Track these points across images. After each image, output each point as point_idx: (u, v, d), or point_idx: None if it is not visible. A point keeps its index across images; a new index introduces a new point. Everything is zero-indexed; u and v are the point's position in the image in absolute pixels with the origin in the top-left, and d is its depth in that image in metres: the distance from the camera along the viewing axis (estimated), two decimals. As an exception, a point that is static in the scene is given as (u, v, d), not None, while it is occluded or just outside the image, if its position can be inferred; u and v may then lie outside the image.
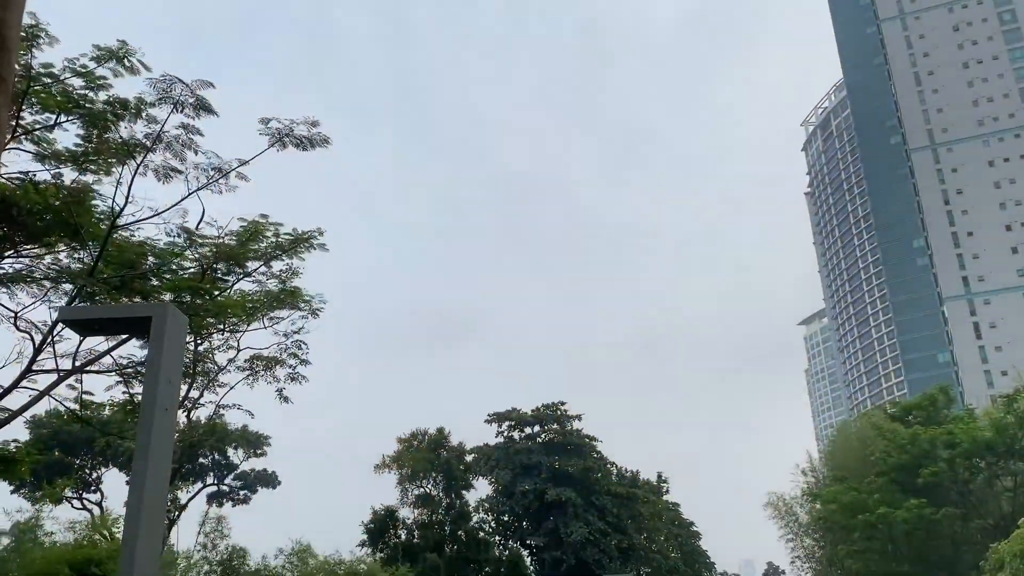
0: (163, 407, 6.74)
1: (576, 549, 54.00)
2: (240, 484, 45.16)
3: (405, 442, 48.44)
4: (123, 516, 6.54)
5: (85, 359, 16.34)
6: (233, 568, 27.26)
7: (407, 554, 43.64)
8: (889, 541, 40.64)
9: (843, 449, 50.16)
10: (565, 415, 61.36)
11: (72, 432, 38.37)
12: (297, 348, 22.77)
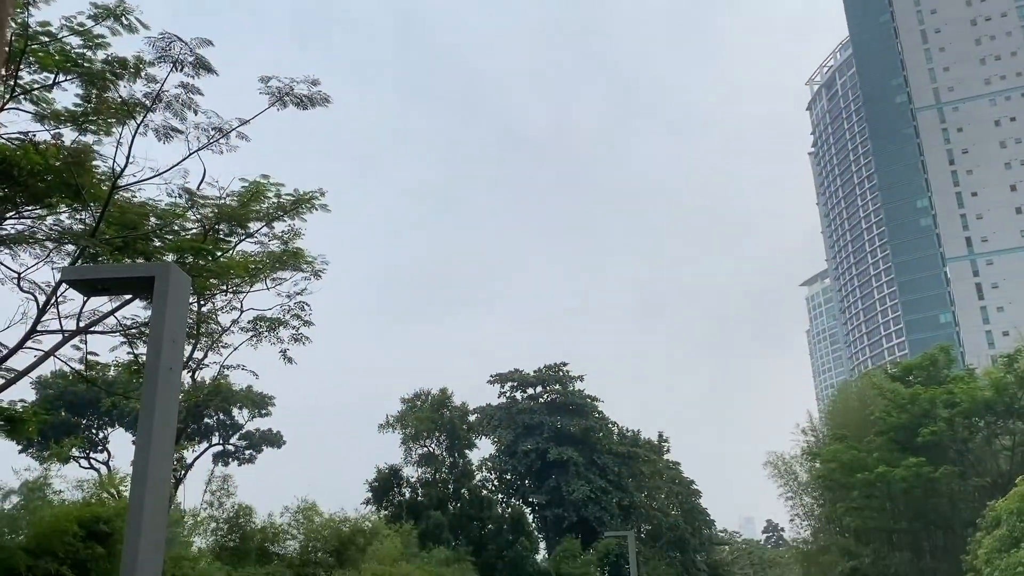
0: (168, 367, 6.79)
1: (577, 507, 54.69)
2: (245, 444, 45.65)
3: (408, 402, 48.80)
4: (130, 475, 6.62)
5: (89, 320, 16.43)
6: (240, 526, 27.63)
7: (411, 512, 44.18)
8: (887, 499, 41.09)
9: (843, 409, 50.49)
10: (567, 376, 61.76)
11: (78, 393, 38.69)
12: (300, 309, 22.85)
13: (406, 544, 36.31)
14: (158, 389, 6.58)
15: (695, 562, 71.10)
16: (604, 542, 52.08)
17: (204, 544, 26.89)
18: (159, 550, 6.32)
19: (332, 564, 29.05)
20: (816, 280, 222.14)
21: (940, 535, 41.90)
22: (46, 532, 16.62)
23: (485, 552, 44.18)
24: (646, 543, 63.00)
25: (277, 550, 28.35)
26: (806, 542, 53.09)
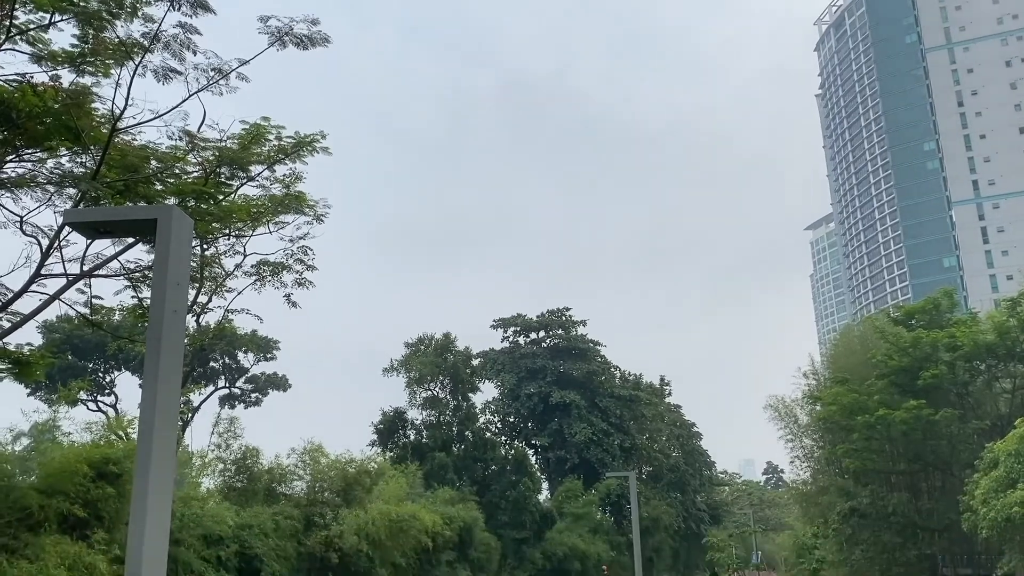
0: (172, 309, 6.78)
1: (580, 449, 55.45)
2: (251, 387, 46.08)
3: (412, 347, 49.09)
4: (137, 418, 6.67)
5: (93, 263, 16.42)
6: (247, 467, 28.04)
7: (416, 453, 44.82)
8: (887, 441, 41.52)
9: (845, 352, 50.70)
10: (570, 321, 62.01)
11: (84, 337, 38.94)
12: (303, 254, 22.83)
13: (411, 484, 36.93)
14: (163, 331, 6.58)
15: (695, 502, 72.36)
16: (605, 482, 52.92)
17: (212, 485, 27.37)
18: (168, 490, 6.40)
19: (339, 504, 29.55)
20: (821, 224, 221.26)
21: (938, 476, 42.46)
22: (57, 473, 16.88)
23: (488, 492, 44.92)
24: (647, 484, 64.02)
25: (284, 490, 28.81)
26: (805, 483, 53.82)
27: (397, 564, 31.40)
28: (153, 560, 6.14)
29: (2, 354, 16.72)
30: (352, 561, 28.65)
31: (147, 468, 6.28)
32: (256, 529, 24.13)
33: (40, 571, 15.03)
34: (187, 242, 7.15)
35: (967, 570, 41.01)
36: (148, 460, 6.32)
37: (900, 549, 41.52)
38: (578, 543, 47.01)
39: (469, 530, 38.37)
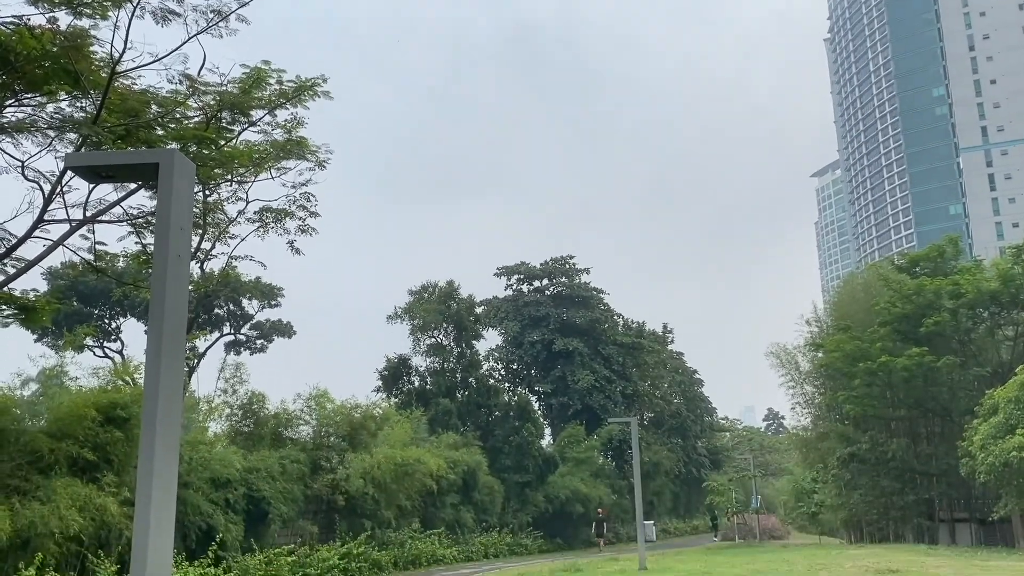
0: (176, 254, 6.77)
1: (582, 395, 55.89)
2: (256, 334, 46.27)
3: (416, 294, 49.17)
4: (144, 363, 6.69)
5: (95, 209, 16.38)
6: (253, 412, 28.34)
7: (420, 399, 45.24)
8: (888, 387, 41.76)
9: (848, 300, 50.70)
10: (573, 268, 61.96)
11: (88, 284, 39.02)
12: (305, 200, 22.78)
13: (416, 429, 37.38)
14: (167, 277, 6.58)
15: (696, 447, 73.22)
16: (607, 428, 53.47)
17: (219, 429, 27.72)
18: (175, 434, 6.46)
19: (345, 448, 29.96)
20: (827, 171, 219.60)
21: (937, 422, 42.80)
22: (65, 417, 17.09)
23: (492, 438, 45.44)
24: (649, 429, 64.70)
25: (291, 435, 29.17)
26: (805, 429, 54.32)
27: (402, 506, 31.96)
28: (162, 502, 6.22)
29: (8, 300, 16.80)
30: (358, 503, 29.16)
31: (154, 412, 6.33)
32: (263, 472, 24.50)
33: (52, 512, 15.31)
34: (189, 186, 7.08)
35: (963, 514, 41.60)
36: (155, 404, 6.36)
37: (898, 493, 42.08)
38: (580, 486, 47.71)
39: (473, 474, 38.93)
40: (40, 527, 15.01)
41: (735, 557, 32.65)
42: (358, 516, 29.42)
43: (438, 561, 33.84)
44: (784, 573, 22.69)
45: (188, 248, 7.19)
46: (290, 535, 26.49)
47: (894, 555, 29.06)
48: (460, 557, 36.02)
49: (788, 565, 25.95)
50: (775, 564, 26.64)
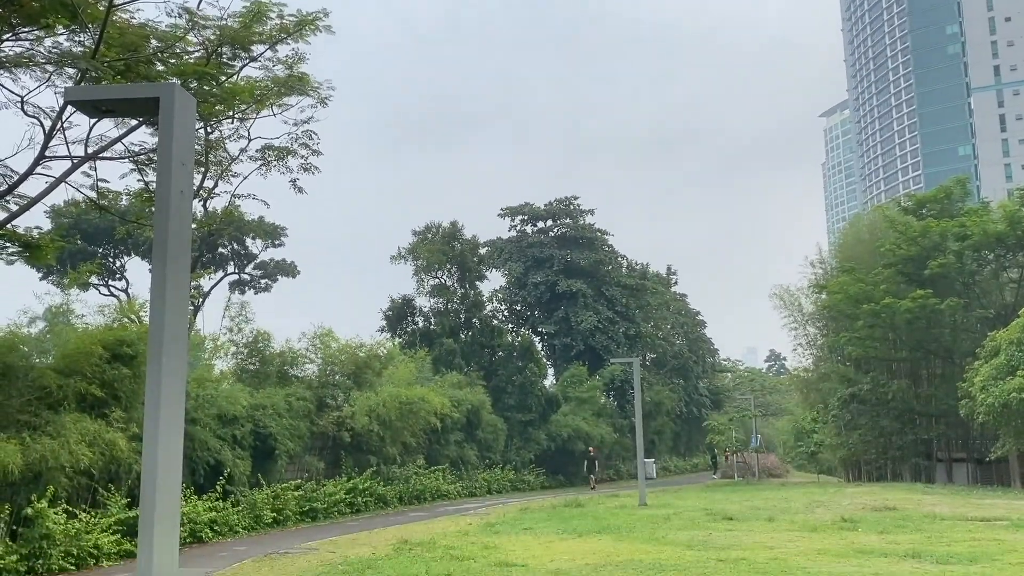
0: (179, 189, 6.71)
1: (585, 336, 56.16)
2: (260, 273, 46.31)
3: (420, 234, 49.04)
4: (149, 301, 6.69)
5: (97, 146, 16.24)
6: (259, 350, 28.52)
7: (424, 339, 45.50)
8: (890, 329, 41.92)
9: (853, 242, 50.56)
10: (578, 209, 61.62)
11: (92, 222, 38.95)
12: (308, 138, 22.56)
13: (420, 369, 37.69)
14: (170, 212, 6.54)
15: (697, 388, 73.88)
16: (610, 368, 53.87)
17: (225, 367, 27.96)
18: (181, 371, 6.50)
19: (350, 386, 30.24)
20: (835, 111, 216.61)
21: (939, 364, 43.06)
22: (73, 354, 17.21)
23: (495, 377, 45.82)
24: (651, 370, 65.21)
25: (296, 373, 29.40)
26: (807, 370, 54.73)
27: (407, 443, 32.42)
28: (170, 438, 6.30)
29: (12, 237, 16.77)
30: (364, 440, 29.58)
31: (159, 348, 6.35)
32: (270, 409, 24.78)
33: (62, 447, 15.55)
34: (191, 121, 6.99)
35: (961, 454, 42.17)
36: (160, 340, 6.39)
37: (897, 433, 42.61)
38: (582, 425, 48.29)
39: (476, 412, 39.38)
40: (51, 461, 15.26)
41: (733, 494, 33.20)
42: (363, 452, 29.88)
43: (442, 496, 34.48)
44: (782, 510, 23.09)
45: (191, 184, 7.13)
46: (297, 470, 26.93)
47: (891, 493, 29.53)
48: (464, 493, 36.71)
49: (786, 502, 26.39)
50: (773, 501, 27.09)
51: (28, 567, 14.32)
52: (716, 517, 21.03)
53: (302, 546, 17.84)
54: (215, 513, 20.18)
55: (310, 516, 25.01)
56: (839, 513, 21.02)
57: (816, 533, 17.01)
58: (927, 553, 13.12)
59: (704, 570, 11.86)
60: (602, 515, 22.69)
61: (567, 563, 13.22)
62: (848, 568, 11.73)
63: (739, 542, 15.57)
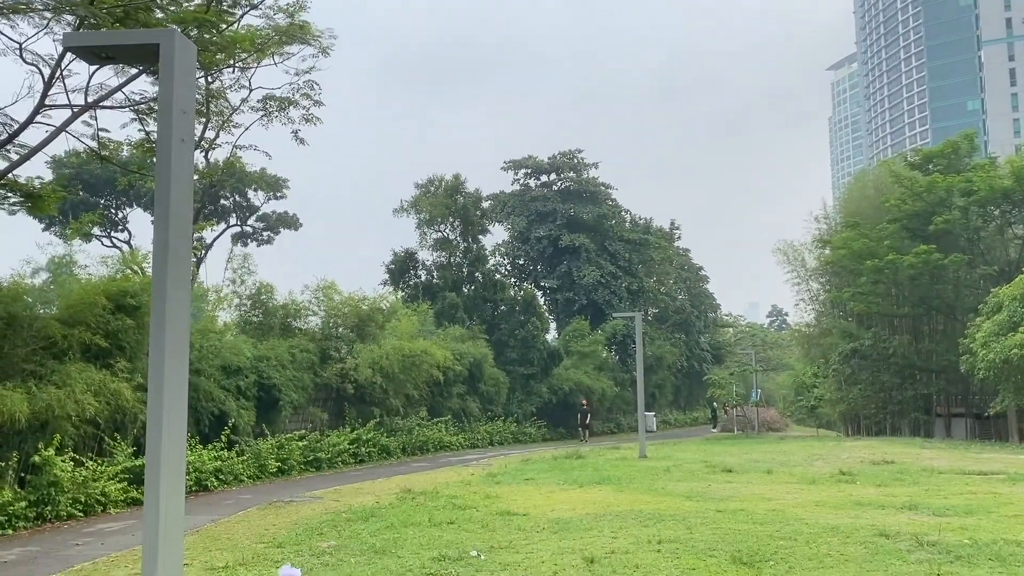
0: (180, 138, 6.65)
1: (588, 291, 56.21)
2: (263, 225, 46.28)
3: (422, 187, 48.79)
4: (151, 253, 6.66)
5: (97, 94, 16.08)
6: (262, 302, 28.58)
7: (427, 293, 45.60)
8: (893, 285, 41.89)
9: (858, 197, 50.26)
10: (581, 163, 61.19)
11: (93, 173, 38.80)
12: (309, 88, 22.34)
13: (423, 323, 37.81)
14: (172, 160, 6.49)
15: (699, 342, 74.14)
16: (612, 323, 54.02)
17: (229, 319, 28.02)
18: (184, 321, 6.50)
19: (353, 339, 30.39)
20: (843, 65, 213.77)
21: (940, 320, 43.12)
22: (76, 304, 17.24)
23: (498, 331, 46.00)
24: (653, 325, 65.41)
25: (300, 325, 29.51)
26: (808, 325, 54.82)
27: (410, 396, 32.68)
28: (174, 388, 6.34)
29: (13, 187, 16.71)
30: (367, 392, 29.81)
31: (163, 299, 6.36)
32: (273, 361, 24.93)
33: (67, 396, 15.67)
34: (191, 68, 6.90)
35: (960, 409, 42.43)
36: (163, 291, 6.39)
37: (897, 388, 42.83)
38: (583, 378, 48.60)
39: (479, 365, 39.61)
40: (57, 409, 15.39)
41: (732, 447, 33.52)
42: (367, 404, 30.13)
43: (445, 447, 34.86)
44: (781, 463, 23.32)
45: (191, 132, 7.06)
46: (301, 421, 27.19)
47: (890, 447, 29.80)
48: (466, 444, 37.11)
49: (785, 455, 26.65)
50: (772, 454, 27.36)
51: (37, 513, 14.54)
52: (715, 469, 21.25)
53: (307, 495, 18.09)
54: (220, 462, 20.43)
55: (314, 466, 25.32)
56: (837, 466, 21.24)
57: (814, 486, 17.20)
58: (924, 505, 13.27)
59: (703, 520, 12.02)
60: (602, 467, 22.94)
61: (568, 512, 13.40)
62: (845, 519, 11.88)
63: (738, 493, 15.75)
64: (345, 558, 9.76)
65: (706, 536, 10.61)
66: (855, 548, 9.60)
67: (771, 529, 11.04)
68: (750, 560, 8.90)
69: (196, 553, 10.60)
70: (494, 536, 11.08)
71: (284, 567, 9.17)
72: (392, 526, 12.26)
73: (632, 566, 8.81)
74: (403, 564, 9.22)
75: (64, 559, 11.12)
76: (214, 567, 9.50)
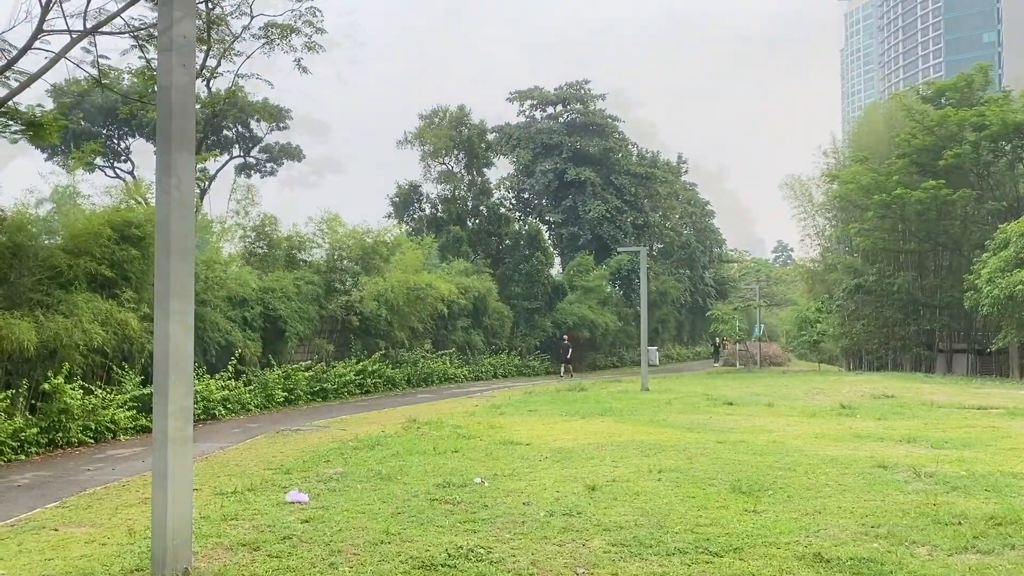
0: (180, 63, 6.56)
1: (593, 225, 56.01)
2: (265, 157, 45.90)
3: (426, 119, 48.19)
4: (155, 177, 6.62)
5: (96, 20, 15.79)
6: (266, 234, 28.56)
7: (432, 226, 45.48)
8: (900, 220, 41.69)
9: (868, 131, 49.63)
10: (588, 94, 60.28)
11: (94, 102, 38.36)
12: (311, 15, 21.93)
13: (427, 256, 37.80)
14: (172, 85, 6.40)
15: (703, 278, 74.21)
16: (616, 258, 53.98)
17: (233, 250, 28.02)
18: (189, 252, 6.50)
19: (358, 271, 30.44)
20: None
21: (946, 256, 43.04)
22: (81, 234, 17.24)
23: (502, 265, 46.01)
24: (657, 260, 65.35)
25: (304, 258, 29.53)
26: (813, 261, 54.81)
27: (415, 328, 32.89)
28: (180, 318, 6.39)
29: (14, 114, 16.55)
30: (372, 324, 30.00)
31: (167, 227, 6.35)
32: (279, 292, 25.03)
33: (75, 325, 15.79)
34: (190, -9, 6.77)
35: (961, 345, 42.66)
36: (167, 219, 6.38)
37: (900, 324, 43.00)
38: (587, 313, 48.79)
39: (483, 299, 39.75)
40: (64, 339, 15.52)
41: (733, 381, 33.86)
42: (372, 336, 30.35)
43: (449, 380, 35.25)
44: (782, 396, 23.56)
45: (193, 57, 6.95)
46: (307, 352, 27.43)
47: (891, 382, 30.07)
48: (470, 376, 37.50)
49: (786, 389, 26.92)
50: (773, 388, 27.63)
51: (49, 439, 14.80)
52: (716, 402, 21.50)
53: (313, 424, 18.37)
54: (228, 392, 20.70)
55: (320, 396, 25.65)
56: (838, 400, 21.46)
57: (814, 418, 17.40)
58: (922, 438, 13.44)
59: (703, 450, 12.20)
60: (604, 399, 23.21)
61: (570, 442, 13.60)
62: (844, 451, 12.05)
63: (738, 425, 15.95)
64: (351, 484, 9.95)
65: (706, 466, 10.78)
66: (853, 479, 9.75)
67: (770, 460, 11.21)
68: (749, 489, 9.05)
69: (205, 479, 10.81)
70: (497, 464, 11.27)
71: (292, 492, 9.39)
72: (397, 454, 12.47)
73: (633, 494, 8.97)
74: (408, 490, 9.40)
75: (76, 483, 11.36)
76: (223, 492, 9.70)
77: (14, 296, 15.57)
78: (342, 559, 6.48)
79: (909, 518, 7.64)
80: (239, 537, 7.26)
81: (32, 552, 7.21)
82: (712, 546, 6.69)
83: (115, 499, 9.94)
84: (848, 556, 6.30)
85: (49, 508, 9.51)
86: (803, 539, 6.91)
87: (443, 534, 7.22)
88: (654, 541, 6.87)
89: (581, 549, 6.71)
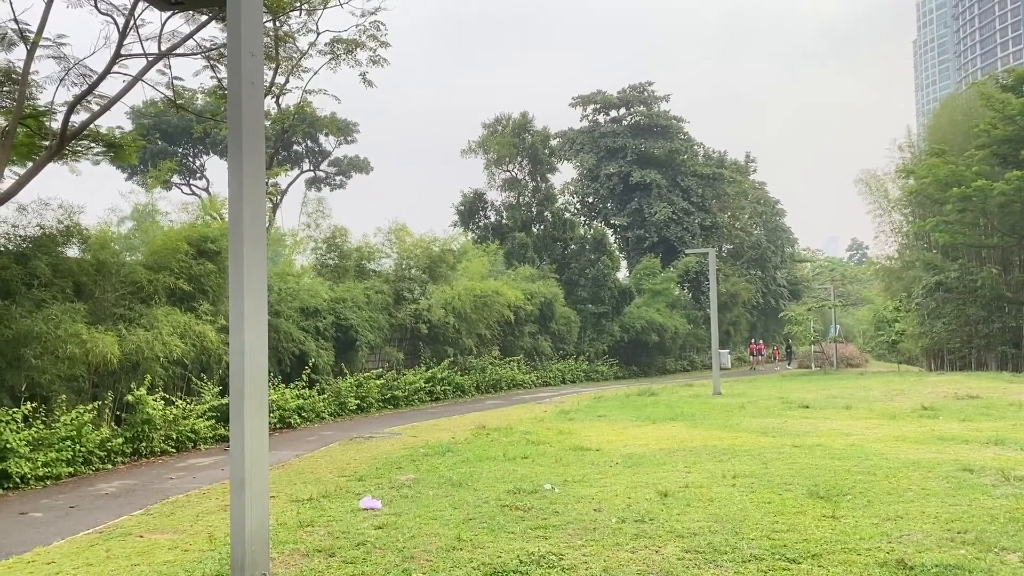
0: (249, 80, 6.73)
1: (659, 228, 55.49)
2: (334, 170, 46.89)
3: (490, 127, 48.47)
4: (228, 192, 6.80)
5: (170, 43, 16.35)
6: (336, 245, 29.12)
7: (496, 233, 45.67)
8: (981, 214, 40.11)
9: (946, 123, 47.91)
10: (651, 96, 59.83)
11: (171, 122, 39.74)
12: (375, 30, 22.28)
13: (493, 263, 37.99)
14: (243, 103, 6.58)
15: (775, 278, 72.71)
16: (684, 260, 53.34)
17: (305, 262, 28.64)
18: (262, 264, 6.66)
19: (425, 280, 30.76)
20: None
21: (1033, 250, 41.25)
22: (160, 250, 17.86)
23: (568, 270, 45.91)
24: (727, 261, 64.30)
25: (373, 267, 29.99)
26: (890, 258, 53.08)
27: (482, 335, 33.06)
28: (255, 329, 6.54)
29: (96, 137, 17.24)
30: (440, 332, 30.27)
31: (240, 239, 6.52)
32: (349, 302, 25.47)
33: (155, 338, 16.34)
34: (258, 10, 6.95)
35: (1052, 342, 40.78)
36: (240, 232, 6.54)
37: (984, 322, 41.33)
38: (655, 316, 48.32)
39: (550, 305, 39.71)
40: (146, 351, 16.08)
41: (809, 383, 33.02)
42: (440, 344, 30.62)
43: (518, 385, 35.30)
44: (860, 398, 22.88)
45: (261, 75, 7.12)
46: (377, 361, 27.82)
47: (974, 381, 28.91)
48: (538, 382, 37.49)
49: (864, 391, 26.13)
50: (851, 389, 26.86)
51: (133, 449, 15.34)
52: (791, 406, 21.00)
53: (385, 431, 18.60)
54: (302, 400, 21.13)
55: (391, 403, 25.97)
56: (919, 401, 20.74)
57: (895, 421, 16.85)
58: (1010, 440, 12.88)
59: (779, 455, 11.92)
60: (675, 404, 22.91)
61: (640, 448, 13.46)
62: (927, 454, 11.63)
63: (815, 429, 15.55)
64: (423, 490, 10.03)
65: (782, 471, 10.53)
66: (937, 483, 9.40)
67: (849, 464, 10.89)
68: (827, 494, 8.80)
69: (281, 486, 11.04)
70: (568, 470, 11.22)
71: (366, 498, 9.52)
72: (468, 460, 12.52)
73: (706, 500, 8.82)
74: (479, 496, 9.43)
75: (160, 491, 11.74)
76: (299, 499, 9.88)
77: (99, 311, 16.20)
78: (415, 565, 6.53)
79: (998, 524, 7.32)
80: (315, 543, 7.38)
81: (119, 558, 7.47)
82: (789, 553, 6.52)
83: (196, 506, 10.23)
84: (933, 563, 6.06)
85: (135, 515, 9.85)
86: (885, 545, 6.68)
87: (514, 540, 7.22)
88: (729, 548, 6.74)
89: (654, 556, 6.63)
